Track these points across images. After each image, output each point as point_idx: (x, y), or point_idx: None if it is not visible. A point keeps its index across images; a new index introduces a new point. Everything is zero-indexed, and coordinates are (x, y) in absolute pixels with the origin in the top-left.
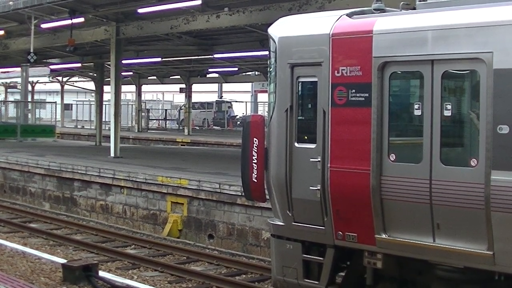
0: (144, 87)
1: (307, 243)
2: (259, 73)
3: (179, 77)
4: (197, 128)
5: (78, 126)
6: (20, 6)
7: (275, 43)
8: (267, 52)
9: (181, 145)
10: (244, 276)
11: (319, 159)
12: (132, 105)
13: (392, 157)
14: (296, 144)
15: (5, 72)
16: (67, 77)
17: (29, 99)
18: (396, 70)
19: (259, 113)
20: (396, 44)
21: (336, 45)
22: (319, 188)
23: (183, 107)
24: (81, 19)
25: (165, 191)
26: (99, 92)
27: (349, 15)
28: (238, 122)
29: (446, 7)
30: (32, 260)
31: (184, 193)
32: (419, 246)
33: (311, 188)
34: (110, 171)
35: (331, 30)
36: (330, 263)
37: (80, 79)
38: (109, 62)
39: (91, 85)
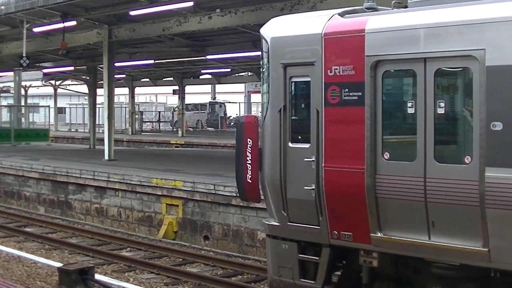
0: (137, 90)
1: (303, 242)
2: (252, 73)
3: (172, 79)
4: (191, 129)
5: (72, 130)
6: (12, 10)
7: (268, 43)
8: (259, 53)
9: (175, 147)
10: (240, 277)
11: (313, 159)
12: (125, 107)
13: (386, 155)
14: (290, 144)
15: None
16: (60, 81)
17: (22, 103)
18: (389, 69)
19: (253, 113)
20: (389, 42)
21: (329, 45)
22: (313, 187)
23: (176, 109)
24: (73, 23)
25: (160, 193)
26: (92, 95)
27: (341, 14)
28: (232, 123)
29: (438, 5)
30: (28, 264)
31: (179, 195)
32: (414, 244)
33: (305, 188)
34: (105, 174)
35: (323, 29)
36: (326, 262)
37: (73, 83)
38: (102, 65)
39: (84, 88)
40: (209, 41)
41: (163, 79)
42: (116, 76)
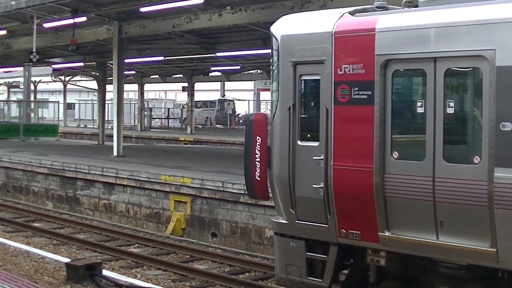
0: (147, 86)
1: (311, 241)
2: (261, 71)
3: (181, 75)
4: (200, 126)
5: (81, 125)
6: (22, 6)
7: (278, 41)
8: (269, 51)
9: (184, 143)
10: (247, 274)
11: (322, 157)
12: (134, 104)
13: (395, 154)
14: (299, 142)
15: (7, 72)
16: (70, 77)
17: (32, 99)
18: (399, 68)
19: (262, 111)
20: (399, 42)
21: (339, 43)
22: (322, 186)
23: (185, 106)
24: (84, 18)
25: (168, 190)
26: (101, 91)
27: (352, 13)
28: (241, 121)
29: (448, 5)
30: (35, 260)
31: (187, 192)
32: (422, 243)
33: (314, 186)
34: (113, 170)
35: (334, 28)
36: (333, 261)
37: (82, 78)
38: (111, 61)
39: (93, 84)
40: (219, 38)
41: (173, 76)
42: (125, 72)
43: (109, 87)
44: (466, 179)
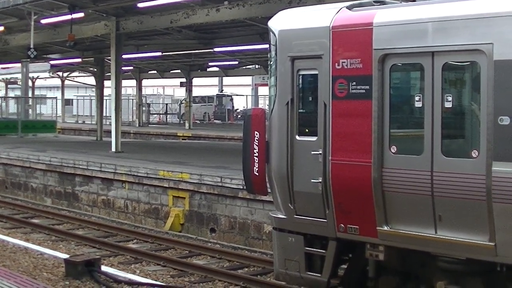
0: (145, 82)
1: (309, 236)
2: (259, 66)
3: (179, 71)
4: (198, 122)
5: (79, 121)
6: (19, 2)
7: (275, 36)
8: (267, 46)
9: (182, 139)
10: (246, 269)
11: (320, 152)
12: (132, 99)
13: (393, 149)
14: (297, 137)
15: (5, 68)
16: (68, 73)
17: (30, 95)
18: (397, 62)
19: (260, 106)
20: (397, 36)
21: (336, 38)
22: (320, 181)
23: (183, 101)
24: (81, 14)
25: (167, 185)
26: (99, 87)
27: (349, 8)
28: (239, 116)
29: None
30: (34, 256)
31: (186, 187)
32: (421, 238)
33: (312, 181)
34: (112, 166)
35: (331, 22)
36: (332, 255)
37: (80, 74)
38: (109, 57)
39: (91, 80)
40: (217, 33)
41: (171, 71)
42: (123, 68)
43: (107, 83)
44: (464, 173)
